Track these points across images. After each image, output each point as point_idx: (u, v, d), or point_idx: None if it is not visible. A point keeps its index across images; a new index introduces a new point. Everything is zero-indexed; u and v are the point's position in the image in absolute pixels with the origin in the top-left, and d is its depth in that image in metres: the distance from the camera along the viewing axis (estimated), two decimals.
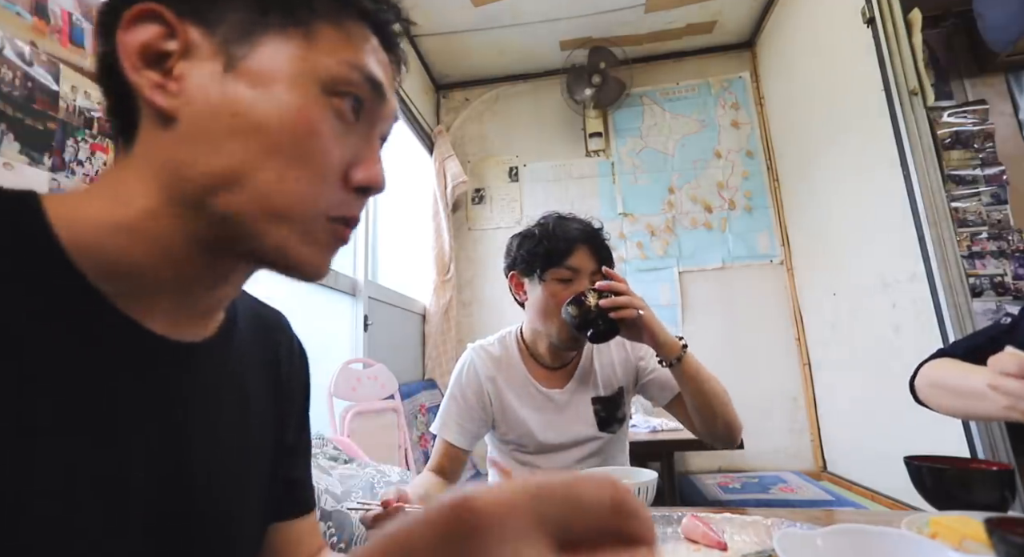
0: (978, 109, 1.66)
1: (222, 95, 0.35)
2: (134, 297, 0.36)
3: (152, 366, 0.37)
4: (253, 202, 0.35)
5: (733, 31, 2.88)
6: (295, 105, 0.35)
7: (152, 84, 0.35)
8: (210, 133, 0.34)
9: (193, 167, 0.35)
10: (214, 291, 0.40)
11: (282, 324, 0.55)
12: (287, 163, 0.35)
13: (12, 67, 0.93)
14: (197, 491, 0.39)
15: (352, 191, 0.39)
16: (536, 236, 1.07)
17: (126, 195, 0.35)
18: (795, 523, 0.67)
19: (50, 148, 0.99)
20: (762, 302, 2.71)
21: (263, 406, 0.48)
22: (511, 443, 1.12)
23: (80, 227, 0.34)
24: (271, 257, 0.37)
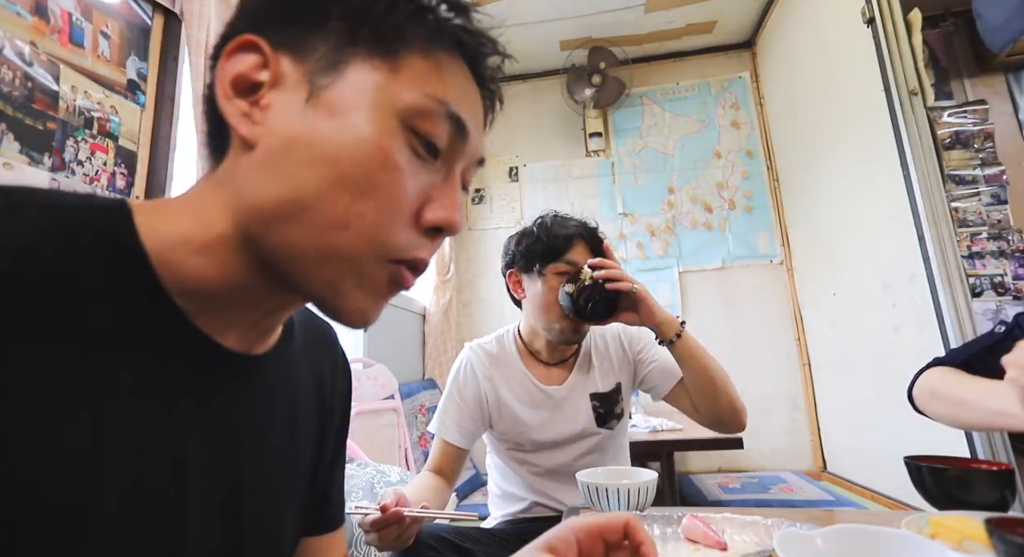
0: (978, 109, 1.66)
1: (300, 125, 0.34)
2: (209, 315, 0.36)
3: (221, 379, 0.38)
4: (311, 237, 0.34)
5: (733, 31, 2.89)
6: (369, 135, 0.34)
7: (239, 112, 0.35)
8: (281, 162, 0.34)
9: (258, 193, 0.34)
10: (280, 311, 0.41)
11: (332, 339, 0.55)
12: (354, 197, 0.34)
13: (12, 67, 0.93)
14: (248, 502, 0.39)
15: (422, 232, 0.37)
16: (534, 233, 1.09)
17: (206, 216, 0.36)
18: (795, 523, 0.67)
19: (50, 148, 0.99)
20: (762, 302, 2.71)
21: (309, 420, 0.48)
22: (508, 441, 1.12)
23: (165, 243, 0.34)
24: (318, 297, 0.36)
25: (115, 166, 1.15)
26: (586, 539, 0.40)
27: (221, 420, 0.37)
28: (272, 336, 0.43)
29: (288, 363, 0.45)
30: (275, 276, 0.36)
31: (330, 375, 0.52)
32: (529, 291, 1.11)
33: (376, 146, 0.34)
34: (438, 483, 1.05)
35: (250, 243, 0.35)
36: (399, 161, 0.35)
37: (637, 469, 0.85)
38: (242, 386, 0.39)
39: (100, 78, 1.12)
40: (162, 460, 0.33)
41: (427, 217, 0.37)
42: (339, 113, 0.34)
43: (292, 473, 0.45)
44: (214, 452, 0.37)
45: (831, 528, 0.52)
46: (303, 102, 0.34)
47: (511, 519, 1.15)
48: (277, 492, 0.43)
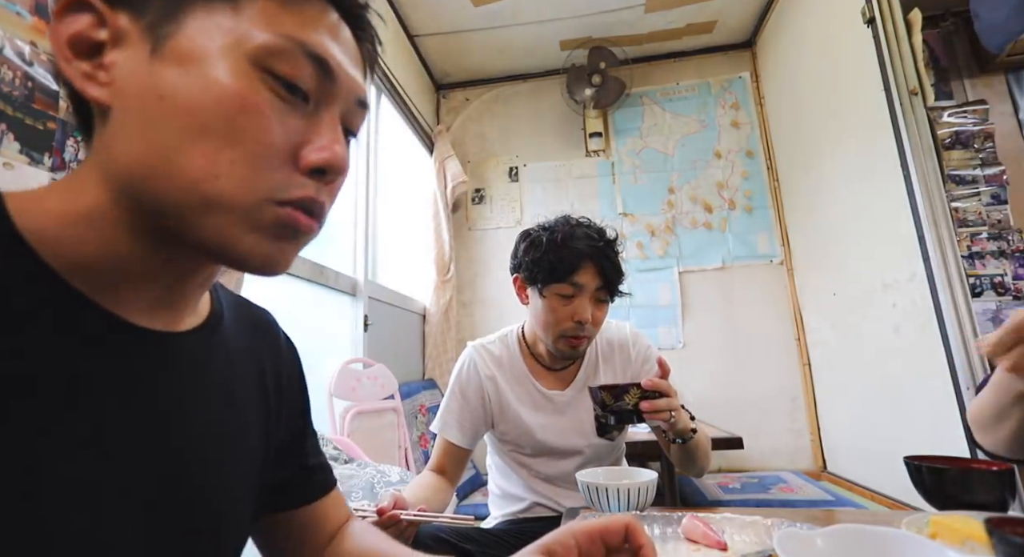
0: (978, 109, 1.66)
1: (149, 79, 0.33)
2: (107, 290, 0.35)
3: (130, 353, 0.36)
4: (185, 191, 0.33)
5: (733, 31, 2.89)
6: (223, 81, 0.33)
7: (82, 74, 0.34)
8: (138, 120, 0.33)
9: (124, 156, 0.34)
10: (183, 283, 0.39)
11: (270, 323, 0.54)
12: (219, 145, 0.33)
13: (12, 67, 0.93)
14: (184, 482, 0.38)
15: (305, 174, 0.36)
16: (543, 246, 1.03)
17: (78, 189, 0.35)
18: (795, 523, 0.67)
19: (50, 148, 0.99)
20: (762, 302, 2.71)
21: (250, 405, 0.47)
22: (509, 443, 1.12)
23: (40, 221, 0.33)
24: (213, 249, 0.35)
25: None
26: (586, 542, 0.40)
27: (142, 401, 0.36)
28: (188, 314, 0.41)
29: (217, 344, 0.44)
30: (164, 239, 0.35)
31: (272, 360, 0.52)
32: (532, 301, 1.08)
33: (230, 91, 0.33)
34: (439, 483, 1.05)
35: (129, 209, 0.34)
36: (259, 104, 0.34)
37: (637, 469, 0.85)
38: (162, 364, 0.38)
39: None
40: (79, 449, 0.32)
41: (307, 158, 0.36)
42: (186, 62, 0.33)
43: (236, 451, 0.44)
44: (137, 435, 0.35)
45: (831, 528, 0.52)
46: (148, 55, 0.33)
47: (511, 519, 1.15)
48: (220, 470, 0.42)
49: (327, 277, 1.89)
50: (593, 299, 1.02)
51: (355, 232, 2.21)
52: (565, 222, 1.06)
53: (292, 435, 0.54)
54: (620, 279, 1.05)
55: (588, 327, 1.01)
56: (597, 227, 1.07)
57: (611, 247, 1.04)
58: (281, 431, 0.52)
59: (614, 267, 1.03)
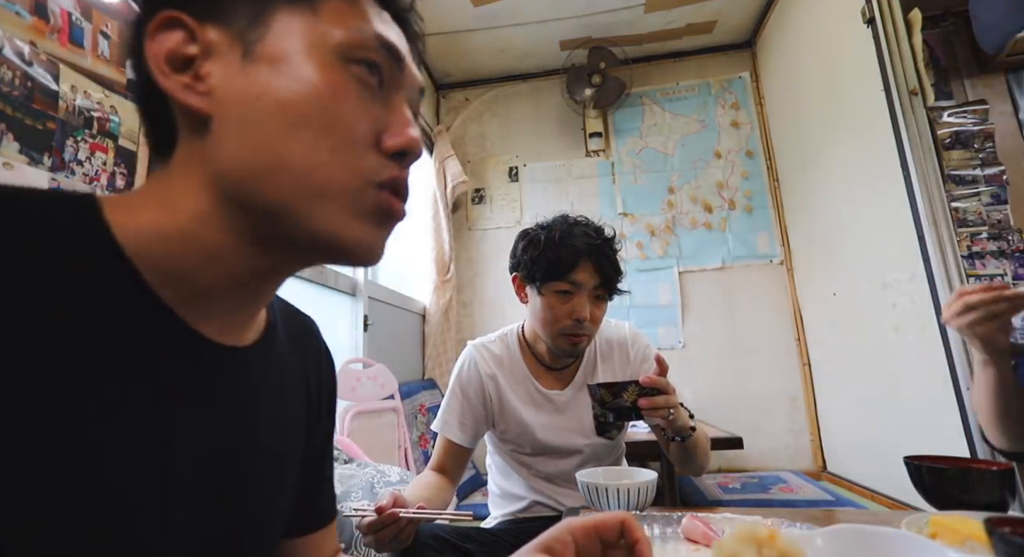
0: (978, 109, 1.66)
1: (245, 82, 0.35)
2: (191, 303, 0.36)
3: (208, 372, 0.37)
4: (294, 184, 0.35)
5: (733, 31, 2.89)
6: (313, 74, 0.35)
7: (182, 86, 0.35)
8: (240, 124, 0.35)
9: (231, 160, 0.35)
10: (262, 294, 0.41)
11: (314, 331, 0.55)
12: (317, 135, 0.35)
13: (12, 67, 0.93)
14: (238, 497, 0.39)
15: (388, 158, 0.38)
16: (541, 244, 1.03)
17: (174, 202, 0.36)
18: (795, 523, 0.67)
19: (50, 148, 0.99)
20: (762, 302, 2.71)
21: (297, 413, 0.48)
22: (510, 442, 1.12)
23: (138, 234, 0.34)
24: (324, 240, 0.36)
25: (115, 166, 1.15)
26: (583, 538, 0.40)
27: (211, 416, 0.37)
28: (254, 327, 0.43)
29: (274, 357, 0.45)
30: (269, 242, 0.37)
31: (315, 368, 0.52)
32: (531, 299, 1.08)
33: (322, 82, 0.36)
34: (440, 482, 1.05)
35: (237, 214, 0.36)
36: (347, 92, 0.36)
37: (637, 469, 0.85)
38: (230, 380, 0.39)
39: (100, 78, 1.12)
40: (149, 458, 0.33)
41: (388, 143, 0.38)
42: (278, 61, 0.35)
43: (282, 466, 0.45)
44: (203, 449, 0.36)
45: (831, 528, 0.52)
46: (240, 61, 0.35)
47: (511, 519, 1.15)
48: (268, 484, 0.43)
49: (327, 277, 1.89)
50: (591, 297, 1.02)
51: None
52: (563, 220, 1.06)
53: (317, 452, 0.53)
54: (618, 277, 1.05)
55: (587, 325, 1.01)
56: (595, 225, 1.07)
57: (609, 245, 1.05)
58: (313, 447, 0.52)
59: (612, 265, 1.03)
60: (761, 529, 0.21)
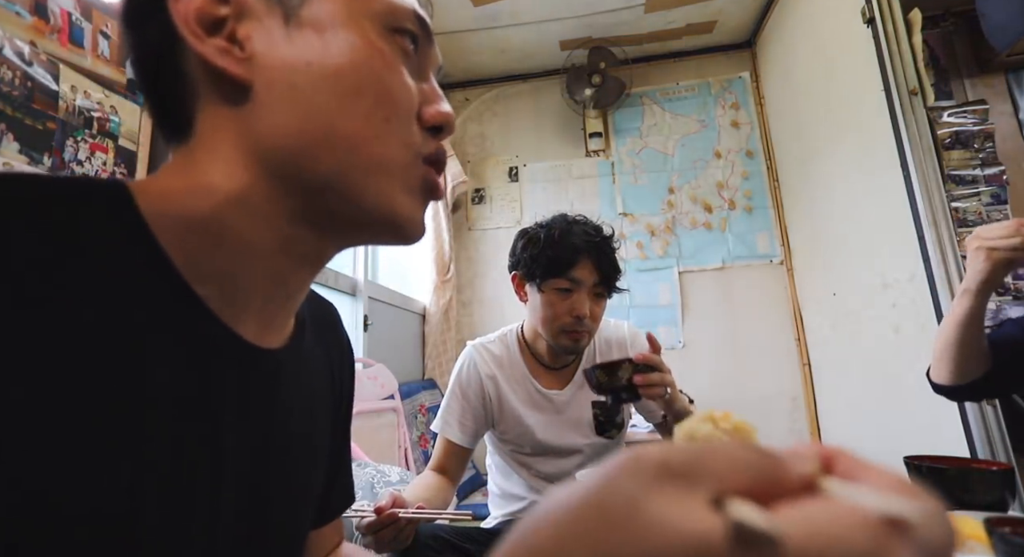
0: (978, 109, 1.66)
1: (291, 49, 0.33)
2: (227, 301, 0.34)
3: (247, 377, 0.36)
4: (350, 155, 0.33)
5: (733, 31, 2.89)
6: (365, 43, 0.34)
7: (219, 50, 0.32)
8: (290, 92, 0.32)
9: (280, 133, 0.32)
10: (299, 288, 0.39)
11: (336, 320, 0.53)
12: (373, 105, 0.33)
13: (12, 67, 0.93)
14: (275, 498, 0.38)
15: (426, 132, 0.37)
16: (540, 242, 1.04)
17: (208, 182, 0.32)
18: None
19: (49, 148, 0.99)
20: (762, 302, 2.71)
21: (325, 409, 0.47)
22: (510, 442, 1.12)
23: (174, 224, 0.32)
24: (378, 214, 0.34)
25: (115, 166, 1.15)
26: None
27: (249, 421, 0.36)
28: (287, 325, 0.41)
29: (304, 355, 0.43)
30: (317, 216, 0.34)
31: (338, 359, 0.51)
32: (530, 298, 1.09)
33: (375, 50, 0.34)
34: (440, 482, 1.05)
35: (283, 187, 0.33)
36: (396, 61, 0.35)
37: None
38: (266, 384, 0.38)
39: (100, 78, 1.12)
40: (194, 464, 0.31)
41: (427, 116, 0.37)
42: (326, 28, 0.33)
43: (312, 464, 0.44)
44: (243, 453, 0.35)
45: None
46: (282, 27, 0.33)
47: (511, 519, 1.15)
48: (300, 483, 0.42)
49: (327, 277, 1.89)
50: (591, 294, 1.03)
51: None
52: (562, 219, 1.07)
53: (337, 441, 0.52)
54: (617, 275, 1.06)
55: (587, 322, 1.02)
56: (594, 224, 1.08)
57: (608, 243, 1.05)
58: (338, 439, 0.51)
59: (611, 263, 1.04)
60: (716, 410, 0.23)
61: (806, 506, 0.15)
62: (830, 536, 0.14)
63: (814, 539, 0.13)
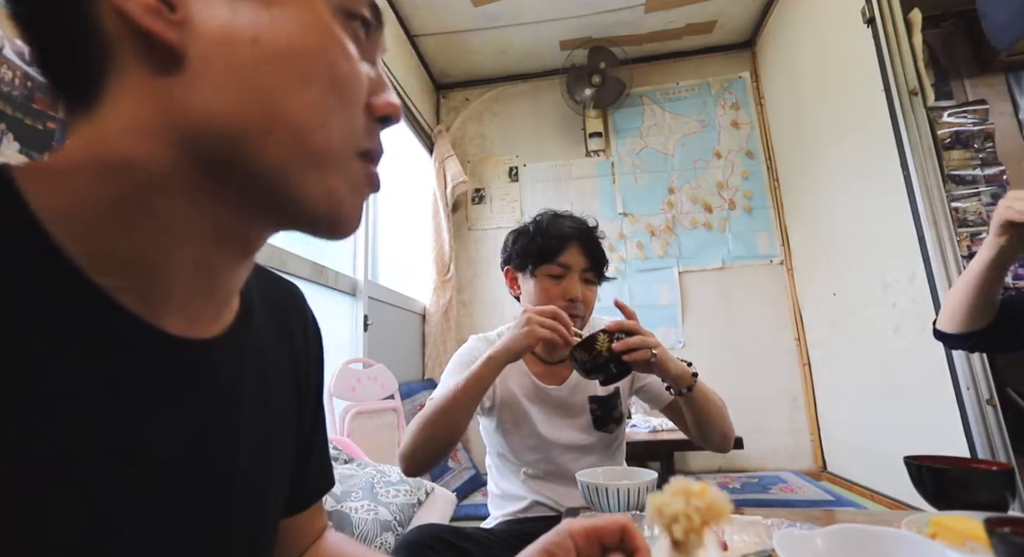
0: (978, 109, 1.66)
1: (235, 20, 0.29)
2: (142, 292, 0.30)
3: (169, 373, 0.32)
4: (292, 144, 0.30)
5: (733, 31, 2.89)
6: (318, 24, 0.31)
7: (146, 8, 0.27)
8: (228, 66, 0.29)
9: (216, 112, 0.29)
10: (235, 272, 0.35)
11: (299, 302, 0.50)
12: (322, 92, 0.31)
13: (12, 67, 0.93)
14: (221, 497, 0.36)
15: (373, 121, 0.35)
16: (530, 232, 1.10)
17: (118, 162, 0.28)
18: (795, 523, 0.67)
19: (50, 148, 0.99)
20: (762, 302, 2.71)
21: (284, 398, 0.44)
22: (512, 436, 1.12)
23: (66, 208, 0.28)
24: (313, 208, 0.32)
25: None
26: (583, 542, 0.39)
27: (180, 415, 0.33)
28: (225, 312, 0.37)
29: (250, 342, 0.40)
30: (246, 204, 0.32)
31: (302, 340, 0.48)
32: (524, 289, 1.12)
33: (328, 33, 0.32)
34: None
35: (210, 172, 0.30)
36: (349, 47, 0.33)
37: (637, 469, 0.85)
38: (200, 376, 0.34)
39: None
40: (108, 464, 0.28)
41: (377, 105, 0.35)
42: (274, 2, 0.30)
43: (271, 457, 0.41)
44: (174, 443, 0.32)
45: (831, 528, 0.52)
46: None
47: (511, 519, 1.15)
48: (256, 481, 0.39)
49: (327, 277, 1.89)
50: (582, 280, 1.07)
51: (355, 231, 2.21)
52: (549, 211, 1.14)
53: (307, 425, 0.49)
54: (606, 261, 1.11)
55: (580, 305, 1.05)
56: (579, 217, 1.13)
57: (594, 232, 1.11)
58: (306, 424, 0.48)
59: (599, 249, 1.10)
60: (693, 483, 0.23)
61: None
62: None
63: None
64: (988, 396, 1.45)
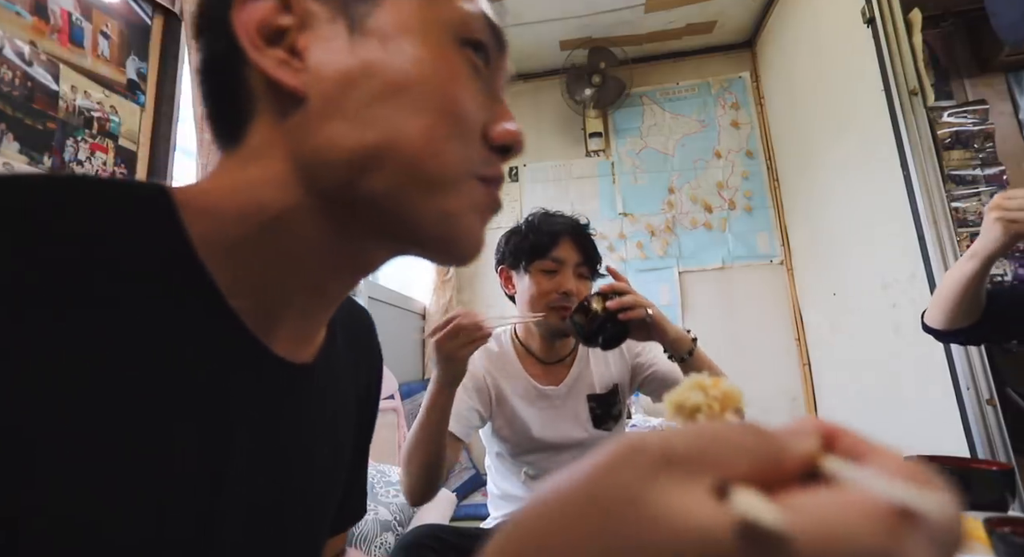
0: (978, 109, 1.66)
1: (353, 59, 0.31)
2: (262, 314, 0.33)
3: (274, 394, 0.35)
4: (407, 172, 0.31)
5: (733, 31, 2.88)
6: (432, 56, 0.32)
7: (277, 62, 0.31)
8: (347, 104, 0.31)
9: (334, 147, 0.31)
10: (335, 299, 0.37)
11: (370, 326, 0.52)
12: (434, 121, 0.32)
13: (12, 67, 0.93)
14: (289, 518, 0.37)
15: (491, 151, 0.35)
16: (522, 230, 1.12)
17: (257, 196, 0.32)
18: None
19: (49, 148, 0.99)
20: (762, 302, 2.71)
21: (348, 419, 0.46)
22: (507, 440, 1.12)
23: (211, 235, 0.31)
24: (432, 233, 0.33)
25: (115, 166, 1.15)
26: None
27: (272, 436, 0.35)
28: (318, 338, 0.39)
29: (332, 369, 0.42)
30: (368, 232, 0.33)
31: (367, 366, 0.50)
32: (518, 287, 1.12)
33: (442, 62, 0.32)
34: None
35: (335, 202, 0.32)
36: (464, 75, 0.33)
37: None
38: (294, 399, 0.37)
39: (100, 78, 1.12)
40: (201, 474, 0.30)
41: (495, 135, 0.35)
42: (391, 38, 0.32)
43: (331, 478, 0.43)
44: (258, 464, 0.34)
45: None
46: (346, 37, 0.32)
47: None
48: (317, 505, 0.41)
49: None
50: (575, 274, 1.08)
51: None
52: (541, 211, 1.16)
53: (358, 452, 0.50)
54: (599, 257, 1.13)
55: (574, 299, 1.06)
56: (571, 216, 1.15)
57: (586, 228, 1.13)
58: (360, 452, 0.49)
59: (591, 243, 1.12)
60: (704, 377, 0.24)
61: (814, 495, 0.14)
62: (840, 529, 0.13)
63: (823, 533, 0.13)
64: (988, 396, 1.45)
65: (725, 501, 0.14)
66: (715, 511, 0.13)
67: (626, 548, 0.13)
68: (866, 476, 0.15)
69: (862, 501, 0.14)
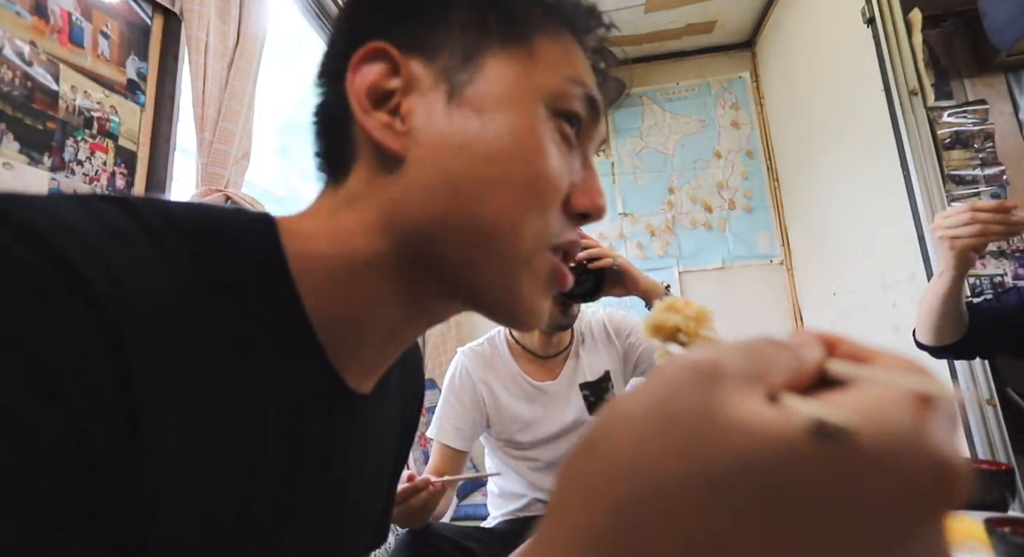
0: (978, 109, 1.66)
1: (448, 128, 0.32)
2: (343, 349, 0.34)
3: (343, 421, 0.36)
4: (481, 243, 0.32)
5: (733, 31, 2.88)
6: (523, 127, 0.33)
7: (382, 125, 0.33)
8: (436, 171, 0.32)
9: (418, 211, 0.32)
10: (407, 342, 0.39)
11: (420, 366, 0.54)
12: (517, 194, 0.32)
13: (12, 67, 0.93)
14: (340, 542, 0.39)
15: (570, 217, 0.36)
16: None
17: (349, 239, 0.33)
18: None
19: (49, 148, 0.99)
20: (762, 302, 2.71)
21: (392, 447, 0.47)
22: (507, 441, 1.13)
23: (308, 269, 0.32)
24: (495, 302, 0.34)
25: (115, 166, 1.15)
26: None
27: (335, 463, 0.36)
28: (383, 371, 0.41)
29: (385, 401, 0.43)
30: (438, 293, 0.35)
31: (411, 400, 0.51)
32: None
33: (532, 137, 0.33)
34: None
35: (412, 259, 0.33)
36: (552, 149, 0.34)
37: None
38: (356, 428, 0.38)
39: (100, 78, 1.12)
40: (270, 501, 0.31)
41: (577, 204, 0.35)
42: (487, 108, 0.32)
43: (372, 506, 0.45)
44: (319, 492, 0.35)
45: None
46: (445, 103, 0.33)
47: (511, 518, 1.15)
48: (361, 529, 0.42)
49: None
50: None
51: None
52: None
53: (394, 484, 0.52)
54: None
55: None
56: None
57: None
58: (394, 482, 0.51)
59: None
60: (675, 299, 0.25)
61: (849, 394, 0.16)
62: (886, 419, 0.14)
63: (875, 424, 0.14)
64: (988, 396, 1.45)
65: (779, 407, 0.15)
66: (782, 416, 0.15)
67: (715, 457, 0.14)
68: (879, 373, 0.17)
69: (892, 393, 0.15)
